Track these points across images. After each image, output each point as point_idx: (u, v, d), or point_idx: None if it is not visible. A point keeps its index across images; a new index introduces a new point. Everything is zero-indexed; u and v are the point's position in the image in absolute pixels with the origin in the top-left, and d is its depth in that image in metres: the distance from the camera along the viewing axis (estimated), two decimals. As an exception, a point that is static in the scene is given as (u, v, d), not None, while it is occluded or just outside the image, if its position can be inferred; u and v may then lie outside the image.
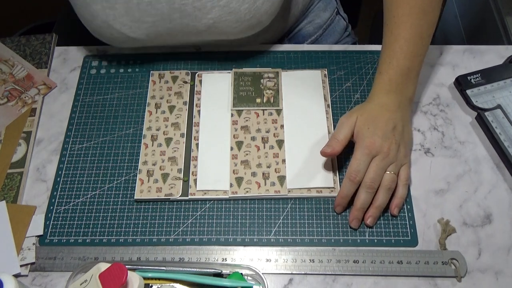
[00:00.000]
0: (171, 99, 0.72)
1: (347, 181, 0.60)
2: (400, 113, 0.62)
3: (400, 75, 0.62)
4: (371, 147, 0.59)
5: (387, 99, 0.62)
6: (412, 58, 0.62)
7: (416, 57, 0.62)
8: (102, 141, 0.69)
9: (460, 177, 0.65)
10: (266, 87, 0.72)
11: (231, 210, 0.64)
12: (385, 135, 0.59)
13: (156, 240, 0.62)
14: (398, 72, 0.62)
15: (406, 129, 0.62)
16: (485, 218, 0.62)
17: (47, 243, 0.62)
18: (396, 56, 0.62)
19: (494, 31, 1.07)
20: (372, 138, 0.59)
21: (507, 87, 0.70)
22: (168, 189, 0.64)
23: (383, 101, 0.62)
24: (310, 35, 0.85)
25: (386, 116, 0.61)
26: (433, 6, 0.62)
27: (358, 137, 0.61)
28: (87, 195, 0.65)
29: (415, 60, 0.62)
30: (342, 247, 0.60)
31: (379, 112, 0.61)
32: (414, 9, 0.62)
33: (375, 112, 0.61)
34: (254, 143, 0.67)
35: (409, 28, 0.62)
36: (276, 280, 0.59)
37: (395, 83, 0.62)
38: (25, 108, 0.72)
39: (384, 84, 0.62)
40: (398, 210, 0.61)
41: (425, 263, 0.58)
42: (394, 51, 0.62)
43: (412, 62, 0.62)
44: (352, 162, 0.60)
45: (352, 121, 0.62)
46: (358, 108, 0.63)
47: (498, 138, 0.66)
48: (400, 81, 0.62)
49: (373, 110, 0.62)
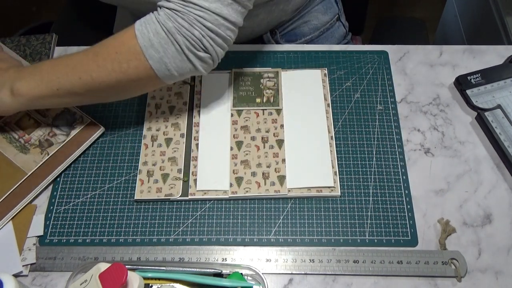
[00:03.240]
0: (171, 99, 0.72)
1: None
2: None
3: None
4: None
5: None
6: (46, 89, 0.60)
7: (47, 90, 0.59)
8: (102, 141, 0.69)
9: (460, 177, 0.65)
10: (266, 87, 0.72)
11: (231, 210, 0.64)
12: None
13: (156, 240, 0.62)
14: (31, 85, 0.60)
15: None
16: (485, 218, 0.62)
17: (47, 243, 0.62)
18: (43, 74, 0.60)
19: (494, 31, 1.07)
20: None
21: (507, 87, 0.70)
22: (168, 189, 0.64)
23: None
24: (304, 35, 0.85)
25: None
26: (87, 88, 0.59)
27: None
28: (87, 195, 0.65)
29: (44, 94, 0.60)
30: (342, 247, 0.60)
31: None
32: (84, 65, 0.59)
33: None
34: (254, 143, 0.67)
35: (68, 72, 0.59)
36: (276, 280, 0.59)
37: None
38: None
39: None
40: None
41: (425, 263, 0.58)
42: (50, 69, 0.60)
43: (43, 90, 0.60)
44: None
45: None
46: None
47: (498, 138, 0.66)
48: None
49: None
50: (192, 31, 0.54)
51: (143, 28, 0.55)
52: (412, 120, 0.70)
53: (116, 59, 0.56)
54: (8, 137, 0.66)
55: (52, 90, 0.59)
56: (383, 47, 0.77)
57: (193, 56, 0.56)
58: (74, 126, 0.68)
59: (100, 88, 0.58)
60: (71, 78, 0.58)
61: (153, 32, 0.55)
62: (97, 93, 0.60)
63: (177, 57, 0.55)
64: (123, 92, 0.61)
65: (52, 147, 0.66)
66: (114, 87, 0.58)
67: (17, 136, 0.66)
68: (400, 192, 0.64)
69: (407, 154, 0.67)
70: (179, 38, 0.54)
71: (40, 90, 0.59)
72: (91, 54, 0.58)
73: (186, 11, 0.54)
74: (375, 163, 0.66)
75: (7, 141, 0.66)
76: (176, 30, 0.54)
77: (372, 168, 0.66)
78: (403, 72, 0.75)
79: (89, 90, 0.59)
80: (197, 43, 0.55)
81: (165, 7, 0.55)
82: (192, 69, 0.57)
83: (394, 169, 0.66)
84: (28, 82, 0.59)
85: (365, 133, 0.69)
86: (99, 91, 0.59)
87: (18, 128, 0.67)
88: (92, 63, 0.57)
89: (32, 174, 0.64)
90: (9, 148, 0.65)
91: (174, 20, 0.54)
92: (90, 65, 0.57)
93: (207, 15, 0.54)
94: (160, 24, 0.54)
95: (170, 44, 0.54)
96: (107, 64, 0.56)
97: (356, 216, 0.63)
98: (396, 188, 0.64)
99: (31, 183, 0.64)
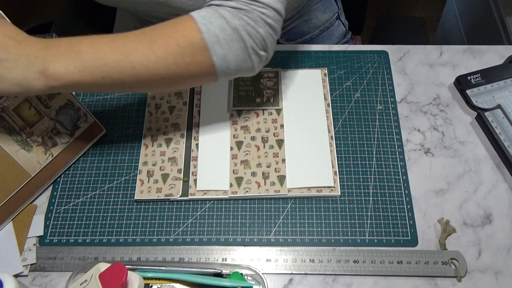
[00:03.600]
0: (171, 99, 0.72)
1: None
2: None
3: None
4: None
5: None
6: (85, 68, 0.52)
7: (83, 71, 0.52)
8: (102, 141, 0.69)
9: (460, 177, 0.65)
10: (265, 87, 0.72)
11: (231, 210, 0.64)
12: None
13: (156, 240, 0.62)
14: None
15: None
16: (485, 218, 0.62)
17: (47, 243, 0.62)
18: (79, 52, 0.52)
19: (494, 31, 1.07)
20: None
21: (507, 87, 0.70)
22: (168, 189, 0.64)
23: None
24: (304, 33, 0.85)
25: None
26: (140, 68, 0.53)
27: None
28: (87, 195, 0.65)
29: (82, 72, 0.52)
30: (342, 247, 0.60)
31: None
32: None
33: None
34: (254, 143, 0.67)
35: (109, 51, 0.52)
36: (276, 280, 0.59)
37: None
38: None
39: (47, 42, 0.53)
40: None
41: (425, 263, 0.58)
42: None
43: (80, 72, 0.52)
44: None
45: None
46: None
47: (498, 138, 0.66)
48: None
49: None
50: (257, 29, 0.54)
51: (208, 23, 0.52)
52: (412, 120, 0.70)
53: (179, 52, 0.52)
54: (7, 126, 0.61)
55: (97, 78, 0.52)
56: (383, 47, 0.77)
57: (255, 55, 0.55)
58: (78, 125, 0.66)
59: (153, 80, 0.54)
60: (122, 67, 0.52)
61: (220, 28, 0.52)
62: (145, 85, 0.55)
63: (240, 55, 0.54)
64: (172, 86, 0.57)
65: (56, 147, 0.65)
66: (167, 80, 0.54)
67: (17, 128, 0.62)
68: (400, 192, 0.64)
69: (407, 154, 0.67)
70: (246, 36, 0.53)
71: (81, 76, 0.52)
72: (145, 42, 0.52)
73: (250, 9, 0.53)
74: (375, 163, 0.66)
75: (6, 132, 0.61)
76: (243, 28, 0.53)
77: (372, 168, 0.66)
78: (403, 72, 0.75)
79: (139, 81, 0.54)
80: (260, 42, 0.54)
81: (226, 6, 0.53)
82: (249, 67, 0.56)
83: (394, 169, 0.66)
84: (66, 65, 0.51)
85: (365, 133, 0.69)
86: (148, 83, 0.54)
87: (17, 116, 0.62)
88: (149, 52, 0.52)
89: (35, 175, 0.63)
90: (9, 141, 0.61)
91: (240, 18, 0.53)
92: (146, 55, 0.52)
93: (268, 12, 0.54)
94: (226, 20, 0.53)
95: (236, 41, 0.53)
96: (168, 56, 0.52)
97: (356, 216, 0.63)
98: (396, 188, 0.64)
99: (34, 185, 0.64)
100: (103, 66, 0.52)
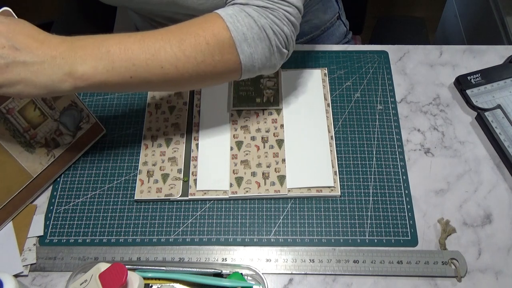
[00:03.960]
0: (171, 99, 0.72)
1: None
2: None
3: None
4: None
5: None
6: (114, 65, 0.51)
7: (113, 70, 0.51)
8: (102, 141, 0.69)
9: (460, 177, 0.65)
10: (265, 87, 0.72)
11: (231, 210, 0.64)
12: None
13: (156, 240, 0.62)
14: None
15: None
16: (485, 218, 0.62)
17: (47, 243, 0.62)
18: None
19: (494, 31, 1.07)
20: None
21: (507, 87, 0.70)
22: (168, 190, 0.64)
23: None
24: (305, 34, 0.85)
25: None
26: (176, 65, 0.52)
27: None
28: (87, 195, 0.65)
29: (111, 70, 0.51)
30: (342, 247, 0.60)
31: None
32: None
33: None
34: (254, 143, 0.67)
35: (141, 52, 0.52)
36: (276, 280, 0.59)
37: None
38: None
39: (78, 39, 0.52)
40: None
41: (425, 263, 0.58)
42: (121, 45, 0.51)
43: (108, 70, 0.51)
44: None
45: None
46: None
47: (498, 138, 0.66)
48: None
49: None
50: (282, 28, 0.54)
51: (235, 21, 0.52)
52: (412, 120, 0.70)
53: (208, 50, 0.52)
54: (12, 128, 0.61)
55: (125, 78, 0.51)
56: (383, 47, 0.77)
57: (278, 53, 0.56)
58: (81, 126, 0.66)
59: (180, 79, 0.53)
60: (151, 67, 0.51)
61: (247, 26, 0.52)
62: (171, 84, 0.54)
63: (265, 53, 0.54)
64: (197, 84, 0.57)
65: (58, 148, 0.65)
66: (193, 78, 0.54)
67: (22, 130, 0.61)
68: (400, 192, 0.64)
69: (407, 154, 0.67)
70: (272, 35, 0.54)
71: (109, 77, 0.51)
72: (174, 41, 0.52)
73: (275, 7, 0.54)
74: (375, 163, 0.66)
75: (10, 134, 0.61)
76: (269, 26, 0.53)
77: (372, 168, 0.66)
78: (403, 72, 0.75)
79: (166, 81, 0.53)
80: (284, 40, 0.55)
81: (252, 4, 0.54)
82: (272, 65, 0.57)
83: (394, 169, 0.66)
84: (94, 66, 0.50)
85: (365, 133, 0.69)
86: (175, 82, 0.54)
87: (22, 118, 0.61)
88: (178, 51, 0.51)
89: (37, 176, 0.63)
90: (14, 143, 0.61)
91: (266, 16, 0.53)
92: (175, 54, 0.51)
93: (292, 10, 0.54)
94: (253, 19, 0.53)
95: (263, 40, 0.53)
96: (197, 55, 0.52)
97: (356, 216, 0.63)
98: (396, 188, 0.64)
99: (35, 186, 0.64)
100: (131, 66, 0.51)
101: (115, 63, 0.51)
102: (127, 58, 0.51)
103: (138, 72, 0.51)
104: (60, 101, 0.64)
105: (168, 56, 0.51)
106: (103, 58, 0.50)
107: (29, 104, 0.61)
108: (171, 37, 0.52)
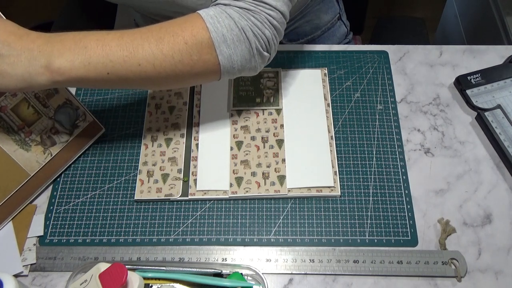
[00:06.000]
0: (171, 99, 0.72)
1: None
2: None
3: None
4: None
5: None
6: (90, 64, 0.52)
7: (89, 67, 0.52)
8: (102, 141, 0.69)
9: (460, 177, 0.65)
10: (265, 87, 0.72)
11: (231, 210, 0.64)
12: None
13: (156, 240, 0.62)
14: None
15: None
16: (485, 218, 0.62)
17: (47, 243, 0.62)
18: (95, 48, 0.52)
19: (494, 31, 1.07)
20: None
21: (507, 87, 0.70)
22: (168, 190, 0.64)
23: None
24: (306, 34, 0.85)
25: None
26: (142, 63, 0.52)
27: None
28: (87, 195, 0.65)
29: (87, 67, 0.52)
30: (342, 247, 0.60)
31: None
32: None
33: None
34: (254, 143, 0.67)
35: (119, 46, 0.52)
36: (276, 280, 0.59)
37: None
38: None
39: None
40: None
41: (425, 263, 0.58)
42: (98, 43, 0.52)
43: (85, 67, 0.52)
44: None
45: None
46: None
47: (498, 138, 0.66)
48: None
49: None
50: (263, 31, 0.54)
51: (216, 22, 0.52)
52: (412, 120, 0.70)
53: (186, 50, 0.52)
54: (5, 126, 0.61)
55: (102, 74, 0.52)
56: (383, 47, 0.77)
57: (259, 56, 0.56)
58: (77, 124, 0.66)
59: (157, 78, 0.53)
60: (128, 64, 0.52)
61: (227, 27, 0.53)
62: (149, 82, 0.55)
63: (245, 55, 0.54)
64: (175, 84, 0.57)
65: (55, 146, 0.65)
66: (171, 78, 0.54)
67: (16, 127, 0.61)
68: (400, 192, 0.64)
69: (407, 154, 0.67)
70: (252, 37, 0.54)
71: (86, 72, 0.51)
72: (153, 40, 0.52)
73: (258, 10, 0.53)
74: (375, 163, 0.66)
75: (4, 131, 0.61)
76: (249, 29, 0.53)
77: (372, 168, 0.66)
78: (403, 72, 0.75)
79: (144, 79, 0.53)
80: (265, 43, 0.55)
81: (234, 6, 0.54)
82: (252, 67, 0.57)
83: (394, 169, 0.66)
84: (71, 61, 0.51)
85: (365, 133, 0.69)
86: (152, 80, 0.54)
87: (15, 115, 0.61)
88: (155, 49, 0.52)
89: (34, 175, 0.63)
90: (8, 140, 0.61)
91: (247, 18, 0.53)
92: (153, 52, 0.52)
93: (275, 14, 0.54)
94: (234, 20, 0.53)
95: (242, 42, 0.53)
96: (175, 54, 0.52)
97: (356, 216, 0.63)
98: (396, 188, 0.64)
99: (33, 185, 0.64)
100: (108, 62, 0.51)
101: (92, 59, 0.51)
102: (104, 54, 0.51)
103: (116, 68, 0.52)
104: (54, 99, 0.64)
105: (146, 54, 0.52)
106: (80, 52, 0.51)
107: (22, 102, 0.61)
108: (150, 35, 0.52)
